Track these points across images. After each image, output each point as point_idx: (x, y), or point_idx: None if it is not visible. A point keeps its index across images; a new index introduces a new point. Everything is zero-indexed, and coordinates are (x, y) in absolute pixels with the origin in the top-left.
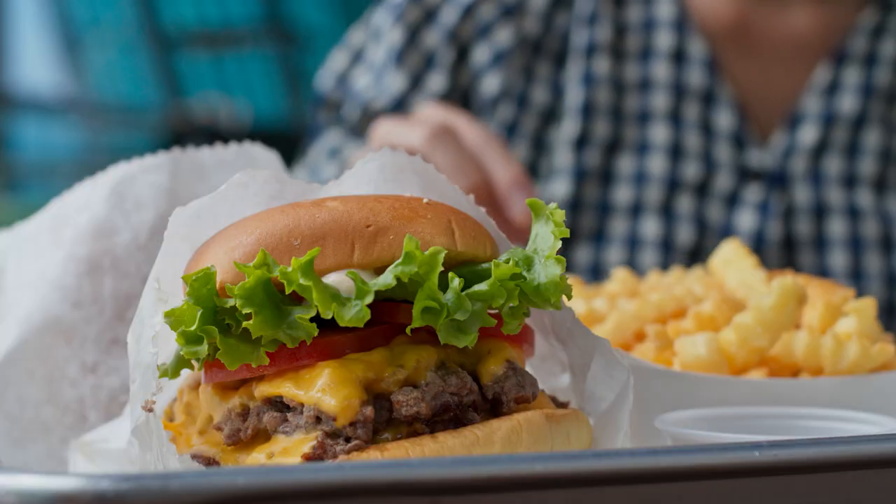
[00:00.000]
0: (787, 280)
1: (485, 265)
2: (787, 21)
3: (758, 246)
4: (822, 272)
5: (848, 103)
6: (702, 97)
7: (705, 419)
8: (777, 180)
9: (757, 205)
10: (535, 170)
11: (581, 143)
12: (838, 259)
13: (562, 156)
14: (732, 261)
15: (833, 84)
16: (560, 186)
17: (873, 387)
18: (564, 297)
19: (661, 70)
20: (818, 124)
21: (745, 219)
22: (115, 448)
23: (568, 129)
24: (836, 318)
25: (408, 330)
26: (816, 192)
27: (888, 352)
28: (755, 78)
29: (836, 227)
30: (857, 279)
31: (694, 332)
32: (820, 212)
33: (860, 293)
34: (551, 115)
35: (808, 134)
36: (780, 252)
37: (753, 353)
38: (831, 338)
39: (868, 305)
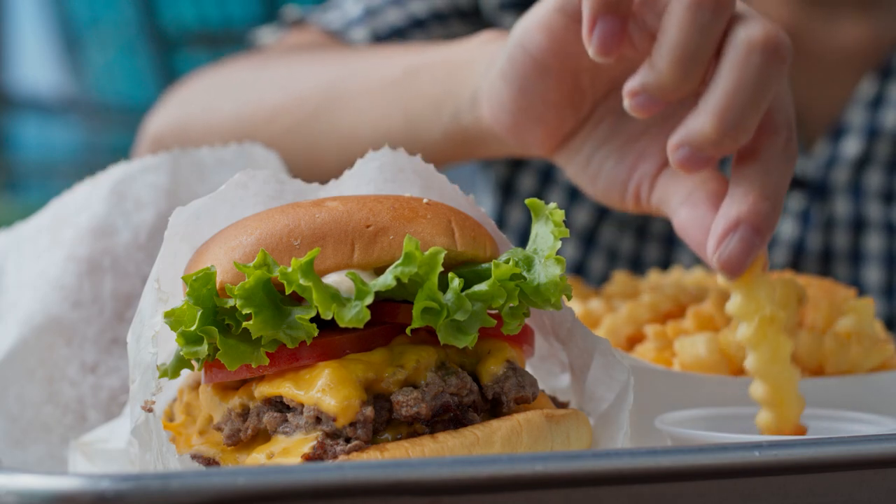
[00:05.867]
0: (787, 280)
1: (485, 265)
2: (836, 32)
3: (797, 256)
4: (856, 286)
5: (892, 118)
6: None
7: (705, 419)
8: (819, 190)
9: (798, 213)
10: None
11: None
12: (873, 274)
13: None
14: None
15: (878, 98)
16: None
17: (873, 387)
18: (564, 297)
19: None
20: (861, 137)
21: (786, 227)
22: (115, 448)
23: None
24: (837, 318)
25: (408, 330)
26: (856, 205)
27: (888, 352)
28: (803, 86)
29: (874, 242)
30: (890, 295)
31: (693, 332)
32: (858, 225)
33: (894, 310)
34: None
35: (851, 146)
36: (817, 263)
37: None
38: (831, 337)
39: (868, 305)
